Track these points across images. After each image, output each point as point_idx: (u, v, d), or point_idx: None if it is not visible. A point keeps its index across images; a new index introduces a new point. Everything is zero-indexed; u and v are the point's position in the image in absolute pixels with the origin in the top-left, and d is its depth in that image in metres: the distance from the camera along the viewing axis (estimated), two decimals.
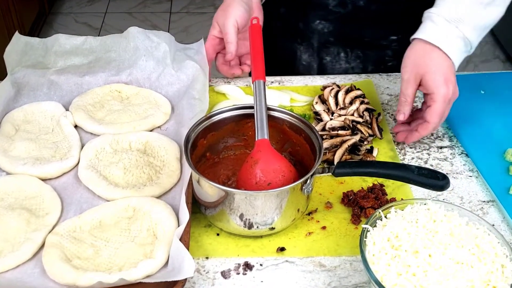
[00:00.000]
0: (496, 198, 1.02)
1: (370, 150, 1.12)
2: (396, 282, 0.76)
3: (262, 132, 0.97)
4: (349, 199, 1.01)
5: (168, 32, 1.36)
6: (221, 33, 1.24)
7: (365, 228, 0.83)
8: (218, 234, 0.96)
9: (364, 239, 0.82)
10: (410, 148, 1.15)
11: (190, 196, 0.97)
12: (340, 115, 1.16)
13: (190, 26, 3.80)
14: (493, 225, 0.88)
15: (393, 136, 1.17)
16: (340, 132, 1.12)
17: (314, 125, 1.02)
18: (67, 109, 1.19)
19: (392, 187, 1.04)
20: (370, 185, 1.04)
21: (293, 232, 0.97)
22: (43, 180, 1.03)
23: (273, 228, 0.93)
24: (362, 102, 1.18)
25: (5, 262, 0.88)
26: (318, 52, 1.41)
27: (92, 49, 1.31)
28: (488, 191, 1.05)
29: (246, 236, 0.95)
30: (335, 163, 1.06)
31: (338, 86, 1.23)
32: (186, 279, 0.84)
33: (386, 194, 1.03)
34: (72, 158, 1.07)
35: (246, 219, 0.91)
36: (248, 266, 0.91)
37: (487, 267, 0.77)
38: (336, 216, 1.00)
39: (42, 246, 0.91)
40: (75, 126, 1.16)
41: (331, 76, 1.35)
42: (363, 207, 0.99)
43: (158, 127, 1.17)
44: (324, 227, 0.98)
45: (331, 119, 1.15)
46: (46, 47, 1.31)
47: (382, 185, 1.04)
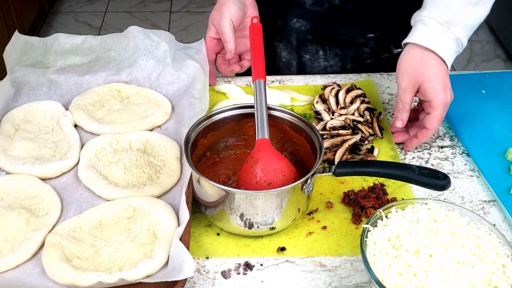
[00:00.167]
0: (497, 198, 1.02)
1: (371, 150, 1.11)
2: (397, 282, 0.76)
3: (262, 131, 0.97)
4: (349, 199, 1.01)
5: (168, 31, 1.36)
6: (218, 33, 1.24)
7: (365, 228, 0.83)
8: (218, 234, 0.96)
9: (365, 239, 0.82)
10: None
11: (190, 196, 0.97)
12: (340, 115, 1.15)
13: (190, 25, 3.80)
14: (494, 225, 0.88)
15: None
16: (341, 131, 1.12)
17: (314, 125, 1.02)
18: (67, 109, 1.19)
19: (393, 186, 1.04)
20: (371, 184, 1.04)
21: (294, 232, 0.96)
22: (43, 179, 1.03)
23: (273, 228, 0.93)
24: (362, 102, 1.18)
25: (4, 262, 0.88)
26: (297, 50, 1.41)
27: (92, 49, 1.31)
28: (489, 191, 1.05)
29: (246, 236, 0.95)
30: (336, 162, 1.06)
31: (338, 85, 1.23)
32: (186, 279, 0.83)
33: (387, 194, 1.02)
34: (72, 158, 1.07)
35: (247, 219, 0.91)
36: (248, 266, 0.91)
37: (488, 267, 0.77)
38: (336, 216, 0.99)
39: (42, 246, 0.91)
40: (75, 126, 1.16)
41: (332, 75, 1.35)
42: (363, 207, 0.99)
43: (158, 126, 1.17)
44: (324, 227, 0.97)
45: (331, 118, 1.15)
46: (46, 46, 1.31)
47: (383, 185, 1.04)
